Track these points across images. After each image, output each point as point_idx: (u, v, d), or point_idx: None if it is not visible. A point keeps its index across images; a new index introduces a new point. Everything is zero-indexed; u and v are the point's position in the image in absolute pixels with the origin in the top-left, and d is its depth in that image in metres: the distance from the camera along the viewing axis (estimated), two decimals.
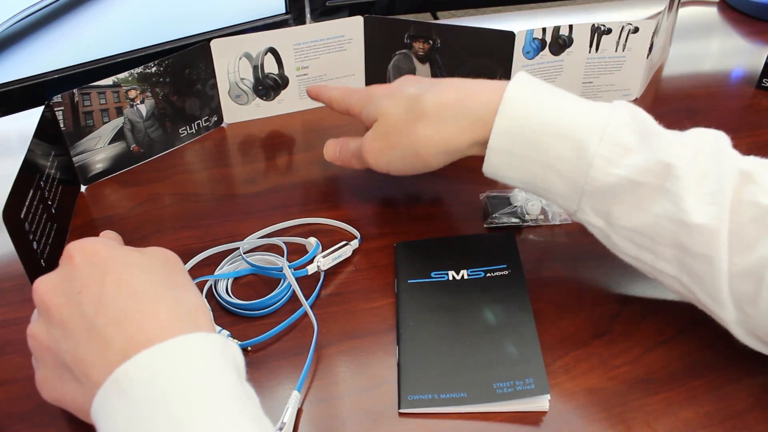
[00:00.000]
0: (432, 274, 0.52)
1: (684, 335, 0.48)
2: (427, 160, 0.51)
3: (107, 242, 0.40)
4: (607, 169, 0.43)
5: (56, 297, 0.38)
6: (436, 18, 0.95)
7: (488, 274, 0.52)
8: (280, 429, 0.42)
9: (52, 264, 0.53)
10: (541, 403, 0.44)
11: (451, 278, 0.52)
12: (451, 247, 0.55)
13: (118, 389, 0.33)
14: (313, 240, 0.56)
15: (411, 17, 0.71)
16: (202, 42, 0.65)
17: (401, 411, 0.44)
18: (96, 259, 0.38)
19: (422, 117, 0.49)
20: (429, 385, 0.45)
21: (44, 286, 0.38)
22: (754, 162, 0.43)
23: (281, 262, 0.53)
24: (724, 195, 0.41)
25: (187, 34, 0.69)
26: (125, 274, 0.38)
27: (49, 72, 0.63)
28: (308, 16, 0.75)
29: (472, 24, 0.72)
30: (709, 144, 0.43)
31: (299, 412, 0.44)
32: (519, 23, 0.89)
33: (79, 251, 0.39)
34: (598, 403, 0.44)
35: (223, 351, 0.36)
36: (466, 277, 0.52)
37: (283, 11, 0.73)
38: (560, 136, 0.44)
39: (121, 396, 0.33)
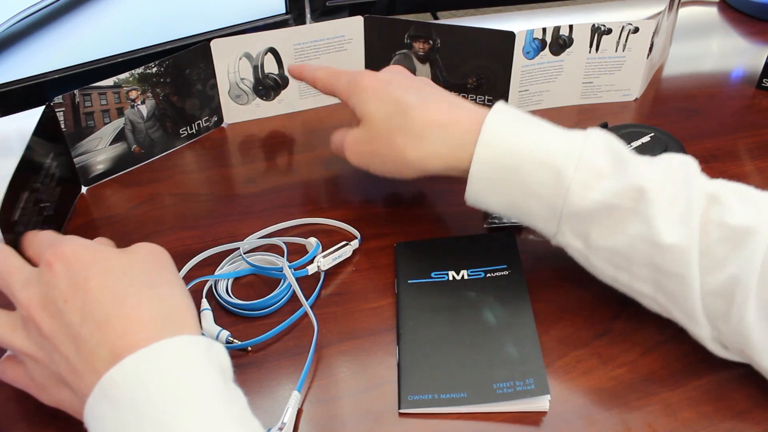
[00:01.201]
0: (432, 274, 0.52)
1: (684, 335, 0.48)
2: (403, 172, 0.52)
3: (86, 244, 0.40)
4: (584, 193, 0.44)
5: (41, 310, 0.38)
6: (436, 18, 0.95)
7: (488, 275, 0.52)
8: (280, 429, 0.42)
9: None
10: (541, 403, 0.44)
11: (451, 278, 0.52)
12: (451, 247, 0.55)
13: (105, 395, 0.34)
14: (313, 240, 0.56)
15: (411, 17, 0.71)
16: (202, 42, 0.65)
17: (401, 411, 0.44)
18: (77, 266, 0.38)
19: (405, 131, 0.50)
20: (429, 386, 0.45)
21: (28, 300, 0.38)
22: (721, 185, 0.44)
23: (281, 262, 0.53)
24: (693, 216, 0.42)
25: (188, 34, 0.69)
26: (107, 279, 0.38)
27: (49, 72, 0.63)
28: (308, 16, 0.75)
29: (472, 24, 0.72)
30: (678, 169, 0.45)
31: (299, 412, 0.44)
32: (519, 23, 0.89)
33: (59, 259, 0.39)
34: (598, 403, 0.44)
35: (207, 352, 0.36)
36: (466, 277, 0.52)
37: (283, 11, 0.73)
38: (538, 163, 0.45)
39: (109, 402, 0.34)
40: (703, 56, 0.83)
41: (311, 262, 0.53)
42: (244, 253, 0.55)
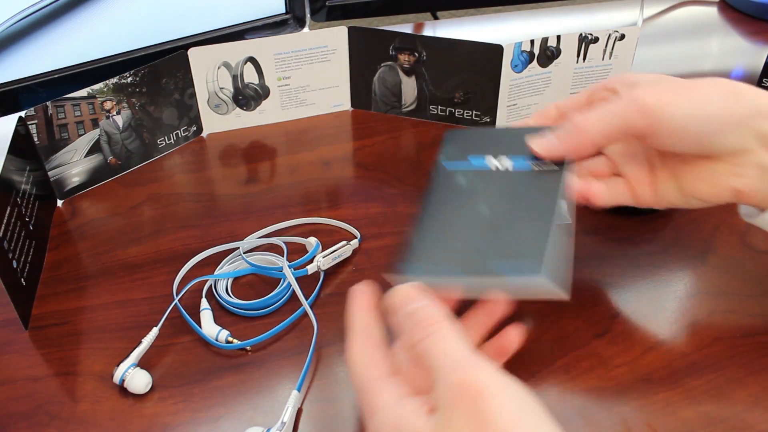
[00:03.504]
0: (473, 162, 0.47)
1: (684, 335, 0.48)
2: None
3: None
4: None
5: None
6: (436, 18, 0.95)
7: (536, 168, 0.46)
8: (280, 429, 0.42)
9: (31, 283, 0.53)
10: (536, 280, 0.40)
11: (494, 168, 0.46)
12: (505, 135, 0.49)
13: None
14: (313, 240, 0.56)
15: (411, 17, 0.71)
16: (179, 50, 0.64)
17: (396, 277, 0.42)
18: None
19: None
20: (431, 259, 0.42)
21: None
22: None
23: (281, 261, 0.53)
24: None
25: (182, 35, 0.68)
26: None
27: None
28: (308, 16, 0.75)
29: (472, 25, 0.72)
30: None
31: (299, 411, 0.44)
32: (520, 23, 0.89)
33: None
34: (598, 403, 0.44)
35: None
36: (510, 169, 0.46)
37: (283, 11, 0.73)
38: None
39: None
40: (703, 56, 0.83)
41: (311, 261, 0.53)
42: (244, 253, 0.55)
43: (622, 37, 0.67)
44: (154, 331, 0.48)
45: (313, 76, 0.71)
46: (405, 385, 0.34)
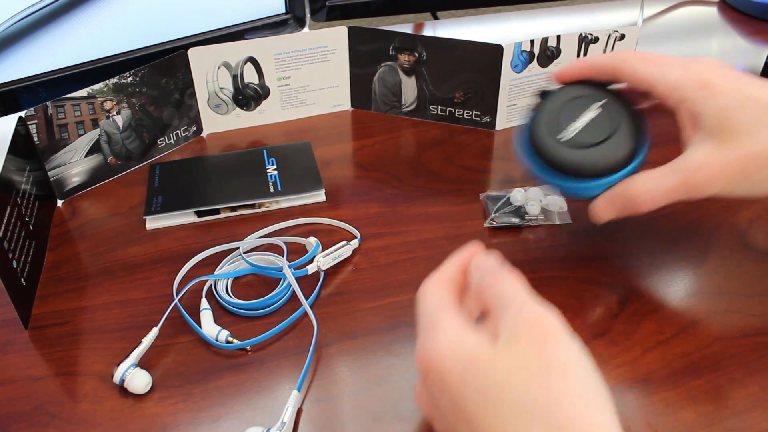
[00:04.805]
0: None
1: (684, 335, 0.48)
2: None
3: (456, 343, 0.33)
4: None
5: (431, 411, 0.35)
6: (436, 18, 0.95)
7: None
8: (280, 429, 0.42)
9: (31, 283, 0.53)
10: None
11: None
12: None
13: None
14: (313, 240, 0.56)
15: (411, 17, 0.71)
16: (179, 49, 0.64)
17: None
18: (449, 380, 0.32)
19: None
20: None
21: (419, 398, 0.36)
22: None
23: (281, 261, 0.53)
24: None
25: (182, 35, 0.68)
26: (487, 404, 0.31)
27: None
28: (308, 16, 0.75)
29: (472, 25, 0.71)
30: None
31: (299, 411, 0.44)
32: (520, 23, 0.89)
33: (428, 368, 0.33)
34: None
35: None
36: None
37: (283, 11, 0.73)
38: None
39: None
40: (703, 56, 0.83)
41: (311, 261, 0.53)
42: (244, 253, 0.55)
43: (622, 37, 0.67)
44: (154, 331, 0.48)
45: (313, 76, 0.71)
46: (469, 318, 0.35)
